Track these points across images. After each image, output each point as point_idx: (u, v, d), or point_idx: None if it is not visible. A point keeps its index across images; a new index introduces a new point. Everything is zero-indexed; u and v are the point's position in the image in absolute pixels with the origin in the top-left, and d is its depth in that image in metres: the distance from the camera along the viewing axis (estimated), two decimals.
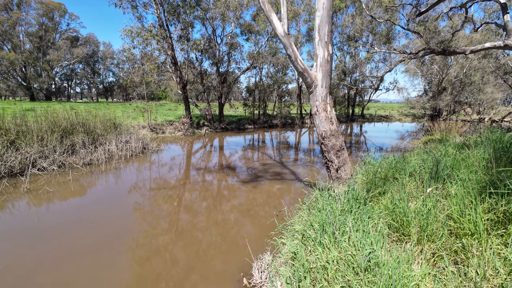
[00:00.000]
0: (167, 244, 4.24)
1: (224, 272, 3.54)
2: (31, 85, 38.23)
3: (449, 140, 8.27)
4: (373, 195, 3.66)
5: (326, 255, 2.17)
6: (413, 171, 4.06)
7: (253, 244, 4.02)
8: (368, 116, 38.45)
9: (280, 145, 14.78)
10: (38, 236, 4.37)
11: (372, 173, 4.24)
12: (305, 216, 3.36)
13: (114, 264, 3.66)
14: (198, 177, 8.13)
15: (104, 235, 4.45)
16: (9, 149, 7.51)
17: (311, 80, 5.54)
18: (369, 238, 2.28)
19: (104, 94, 58.45)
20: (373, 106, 55.96)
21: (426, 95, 36.91)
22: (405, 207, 2.84)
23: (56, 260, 3.71)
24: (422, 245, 2.63)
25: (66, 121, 9.58)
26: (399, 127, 27.10)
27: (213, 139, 16.32)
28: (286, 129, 23.60)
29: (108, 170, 8.43)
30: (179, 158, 10.83)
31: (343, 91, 33.59)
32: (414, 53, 14.13)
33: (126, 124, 12.21)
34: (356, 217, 2.80)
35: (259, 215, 5.36)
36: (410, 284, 1.88)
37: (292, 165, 9.95)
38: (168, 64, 18.15)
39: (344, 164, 5.63)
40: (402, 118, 38.61)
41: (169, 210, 5.60)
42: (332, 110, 5.66)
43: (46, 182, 6.92)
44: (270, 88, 24.55)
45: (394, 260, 1.98)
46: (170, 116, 21.62)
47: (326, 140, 5.60)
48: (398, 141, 16.09)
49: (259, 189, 6.85)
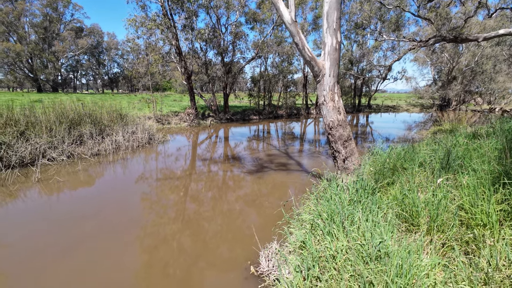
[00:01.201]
0: (174, 232, 4.31)
1: (231, 260, 3.59)
2: (37, 77, 38.54)
3: (459, 130, 8.10)
4: (382, 186, 3.63)
5: (335, 245, 2.17)
6: (423, 161, 4.00)
7: (260, 233, 4.05)
8: (374, 107, 37.88)
9: (285, 136, 14.71)
10: (50, 224, 4.48)
11: (380, 164, 4.19)
12: (312, 206, 3.36)
13: (123, 252, 3.74)
14: (204, 168, 8.18)
15: (112, 223, 4.53)
16: (19, 140, 7.64)
17: (319, 69, 5.43)
18: (378, 228, 2.27)
19: (109, 85, 58.68)
20: (380, 96, 55.03)
21: (435, 84, 36.04)
22: (414, 198, 2.81)
23: (65, 247, 3.81)
24: (432, 235, 2.60)
25: (73, 112, 9.66)
26: (407, 117, 26.66)
27: (218, 130, 16.32)
28: (292, 119, 23.44)
29: (116, 161, 8.53)
30: (185, 148, 10.89)
31: (349, 81, 33.03)
32: (424, 40, 13.71)
33: (132, 115, 12.27)
34: (365, 207, 2.78)
35: (265, 205, 5.39)
36: (421, 274, 1.87)
37: (297, 155, 9.92)
38: (172, 54, 18.02)
39: (351, 154, 5.58)
40: (409, 109, 37.93)
41: (175, 200, 5.66)
42: (339, 100, 5.56)
43: (56, 172, 7.05)
44: (275, 78, 24.27)
45: (404, 250, 1.97)
46: (175, 107, 21.65)
47: (333, 130, 5.53)
48: (405, 132, 15.86)
49: (264, 180, 6.86)
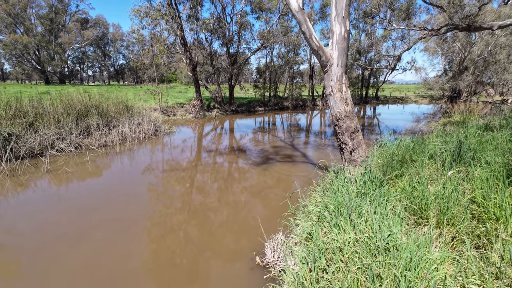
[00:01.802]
0: (181, 223, 4.35)
1: (236, 250, 3.61)
2: (45, 69, 38.86)
3: (470, 122, 7.89)
4: (390, 178, 3.57)
5: (342, 237, 2.14)
6: (433, 153, 3.90)
7: (265, 224, 4.06)
8: (382, 98, 37.20)
9: (291, 128, 14.60)
10: (59, 214, 4.57)
11: (388, 156, 4.11)
12: (319, 198, 3.32)
13: (131, 241, 3.79)
14: (210, 159, 8.20)
15: (120, 213, 4.60)
16: (28, 131, 7.75)
17: (326, 58, 5.30)
18: (387, 221, 2.23)
19: (115, 77, 58.87)
20: (388, 88, 53.93)
21: (445, 75, 35.04)
22: (424, 190, 2.75)
23: (75, 235, 3.89)
24: (441, 228, 2.55)
25: (80, 104, 9.73)
26: (415, 109, 26.14)
27: (223, 122, 16.29)
28: (297, 111, 23.22)
29: (123, 152, 8.61)
30: (190, 140, 10.91)
31: (356, 72, 32.37)
32: (436, 29, 13.24)
33: (138, 106, 12.31)
34: (373, 200, 2.74)
35: (270, 197, 5.38)
36: (430, 267, 1.84)
37: (303, 147, 9.85)
38: (177, 45, 17.87)
39: (359, 146, 5.49)
40: (418, 100, 37.14)
41: (181, 191, 5.70)
42: (347, 91, 5.44)
43: (64, 163, 7.16)
44: (281, 69, 23.93)
45: (414, 243, 1.93)
46: (180, 99, 21.63)
47: (341, 122, 5.44)
48: (413, 124, 15.56)
49: (269, 171, 6.84)
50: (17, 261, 3.35)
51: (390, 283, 1.73)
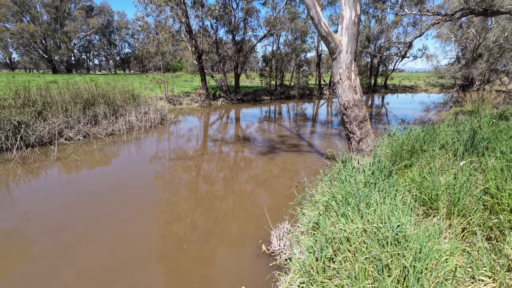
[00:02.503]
0: (187, 210, 4.40)
1: (242, 238, 3.64)
2: (52, 58, 39.04)
3: (483, 111, 7.64)
4: (399, 168, 3.50)
5: (350, 227, 2.11)
6: (445, 143, 3.80)
7: (271, 213, 4.07)
8: (391, 87, 36.34)
9: (297, 117, 14.45)
10: (69, 200, 4.67)
11: (398, 145, 4.02)
12: (326, 188, 3.29)
13: (140, 228, 3.86)
14: (215, 148, 8.21)
15: (129, 201, 4.67)
16: (37, 120, 7.86)
17: (335, 45, 5.13)
18: (396, 211, 2.19)
19: (121, 66, 58.85)
20: (398, 76, 52.61)
21: (458, 62, 33.85)
22: (434, 180, 2.68)
23: (85, 222, 3.98)
24: (451, 219, 2.50)
25: (87, 92, 9.78)
26: (425, 98, 25.50)
27: (229, 111, 16.22)
28: (304, 100, 22.92)
29: (130, 141, 8.69)
30: (196, 129, 10.92)
31: (365, 60, 31.52)
32: (450, 14, 12.68)
33: (144, 95, 12.31)
34: (381, 190, 2.69)
35: (276, 186, 5.38)
36: (440, 258, 1.80)
37: (309, 137, 9.76)
38: (182, 32, 17.63)
39: (367, 135, 5.39)
40: (428, 89, 36.18)
41: (188, 179, 5.74)
42: (356, 78, 5.29)
43: (73, 151, 7.27)
44: (288, 57, 23.46)
45: (424, 233, 1.89)
46: (186, 88, 21.55)
47: (349, 111, 5.33)
48: (423, 113, 15.21)
49: (275, 161, 6.82)
50: (31, 245, 3.45)
51: (399, 273, 1.72)
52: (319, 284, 1.89)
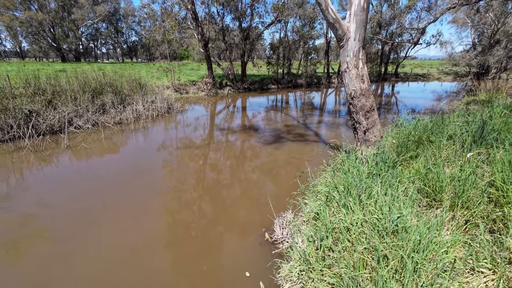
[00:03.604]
0: (195, 198, 4.50)
1: (247, 226, 3.73)
2: (60, 46, 39.31)
3: (497, 101, 7.38)
4: (404, 159, 3.46)
5: (350, 217, 2.13)
6: (453, 134, 3.72)
7: (275, 202, 4.12)
8: (402, 75, 35.30)
9: (304, 106, 14.30)
10: (80, 187, 4.83)
11: (404, 136, 3.96)
12: (329, 178, 3.30)
13: (148, 214, 3.98)
14: (222, 137, 8.26)
15: (137, 188, 4.79)
16: (47, 108, 8.03)
17: (343, 32, 4.99)
18: (397, 203, 2.19)
19: (128, 54, 58.85)
20: (409, 64, 50.96)
21: (474, 49, 32.43)
22: (439, 172, 2.65)
23: (95, 209, 4.12)
24: (455, 211, 2.49)
25: (95, 81, 9.88)
26: (437, 87, 24.74)
27: (235, 100, 16.16)
28: (311, 89, 22.58)
29: (137, 129, 8.81)
30: (203, 118, 10.97)
31: (376, 47, 30.56)
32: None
33: (151, 84, 12.35)
34: (384, 181, 2.68)
35: (281, 175, 5.42)
36: (440, 250, 1.81)
37: (316, 126, 9.69)
38: (189, 20, 17.40)
39: (373, 126, 5.32)
40: (441, 77, 35.01)
41: (195, 168, 5.83)
42: (364, 67, 5.17)
43: (83, 139, 7.44)
44: (296, 45, 22.94)
45: (424, 225, 1.89)
46: (193, 76, 21.47)
47: (355, 100, 5.24)
48: (434, 103, 14.81)
49: (281, 150, 6.83)
50: (46, 229, 3.62)
51: (397, 264, 1.74)
52: (318, 272, 1.93)
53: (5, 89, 7.77)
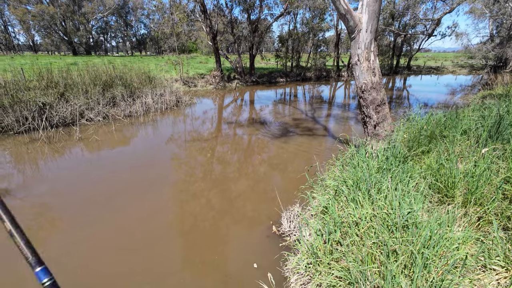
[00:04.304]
0: (203, 190, 4.55)
1: (254, 218, 3.75)
2: (71, 39, 39.86)
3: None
4: (415, 154, 3.39)
5: (359, 212, 2.12)
6: (467, 128, 3.61)
7: (282, 196, 4.13)
8: (415, 68, 34.31)
9: (313, 100, 14.14)
10: (91, 179, 4.96)
11: (416, 130, 3.87)
12: (338, 172, 3.27)
13: (157, 205, 4.06)
14: (230, 131, 8.27)
15: (146, 180, 4.88)
16: (60, 101, 8.20)
17: (354, 23, 4.86)
18: (408, 198, 2.15)
19: (137, 47, 59.18)
20: (423, 56, 49.44)
21: (491, 41, 31.12)
22: (452, 168, 2.59)
23: (106, 199, 4.23)
24: (467, 208, 2.43)
25: (106, 74, 10.00)
26: (451, 80, 23.98)
27: (243, 93, 16.10)
28: (320, 82, 22.26)
29: (146, 122, 8.92)
30: (211, 112, 11.00)
31: (388, 39, 29.70)
32: None
33: (160, 77, 12.42)
34: (395, 176, 2.64)
35: (289, 169, 5.41)
36: (451, 246, 1.78)
37: (324, 120, 9.58)
38: (197, 12, 17.29)
39: (384, 120, 5.22)
40: (456, 70, 33.86)
41: (203, 161, 5.89)
42: (375, 60, 5.04)
43: (94, 132, 7.59)
44: (305, 37, 22.54)
45: (435, 221, 1.86)
46: (201, 69, 21.46)
47: (366, 94, 5.13)
48: (448, 97, 14.39)
49: (289, 144, 6.80)
50: (60, 217, 3.74)
51: (406, 259, 1.72)
52: (326, 265, 1.94)
53: (19, 82, 7.97)
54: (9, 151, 6.17)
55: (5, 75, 8.36)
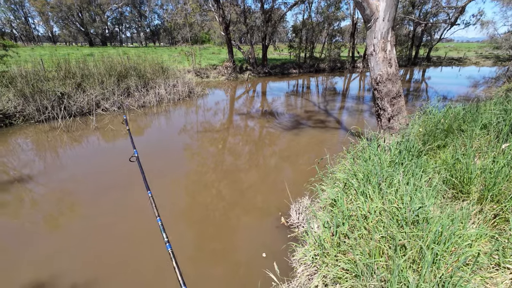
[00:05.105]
0: (214, 181, 4.63)
1: (264, 209, 3.79)
2: (88, 30, 40.68)
3: None
4: (430, 148, 3.29)
5: (368, 205, 2.10)
6: (488, 123, 3.45)
7: (292, 188, 4.14)
8: (435, 59, 32.78)
9: (326, 92, 13.87)
10: (109, 165, 5.14)
11: (432, 124, 3.74)
12: (348, 165, 3.23)
13: (170, 194, 4.18)
14: (241, 122, 8.29)
15: (159, 169, 5.01)
16: (77, 91, 8.46)
17: (371, 12, 4.68)
18: (420, 193, 2.10)
19: (151, 38, 59.68)
20: (444, 47, 47.13)
21: None
22: (469, 163, 2.50)
23: (123, 186, 4.38)
24: (483, 205, 2.36)
25: (120, 65, 10.19)
26: (474, 72, 22.80)
27: (255, 84, 16.00)
28: (334, 74, 21.74)
29: (160, 113, 9.07)
30: (223, 103, 11.03)
31: (407, 29, 28.42)
32: None
33: (173, 68, 12.52)
34: (407, 170, 2.58)
35: (299, 161, 5.38)
36: (463, 243, 1.74)
37: (337, 113, 9.41)
38: (210, 2, 17.14)
39: (399, 113, 5.06)
40: (479, 61, 32.08)
41: (214, 152, 5.96)
42: (392, 50, 4.86)
43: (109, 121, 7.81)
44: (319, 27, 21.93)
45: (448, 217, 1.82)
46: (213, 60, 21.43)
47: (381, 86, 4.98)
48: (469, 89, 13.72)
49: (300, 136, 6.75)
50: (79, 203, 3.93)
51: (415, 254, 1.70)
52: (333, 257, 1.94)
53: (39, 73, 8.26)
54: (31, 139, 6.47)
55: (26, 65, 8.68)
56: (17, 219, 3.59)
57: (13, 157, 5.51)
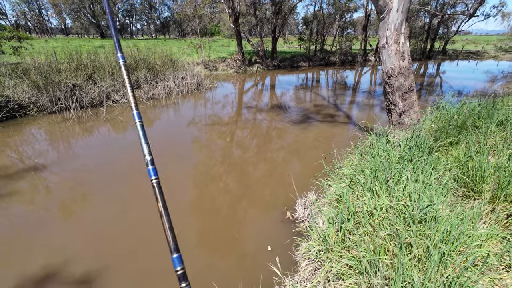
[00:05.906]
0: (221, 174, 4.66)
1: (270, 203, 3.80)
2: (99, 23, 41.07)
3: None
4: (442, 145, 3.19)
5: (374, 202, 2.06)
6: (504, 119, 3.31)
7: (298, 182, 4.12)
8: (451, 52, 31.59)
9: (336, 86, 13.63)
10: (119, 157, 5.24)
11: (445, 120, 3.62)
12: (356, 161, 3.18)
13: (178, 185, 4.24)
14: (249, 116, 8.27)
15: (168, 160, 5.07)
16: (88, 83, 8.60)
17: (384, 2, 4.52)
18: (429, 191, 2.05)
19: (161, 31, 59.85)
20: (461, 40, 45.31)
21: None
22: (482, 161, 2.41)
23: (132, 179, 4.47)
24: (496, 204, 2.28)
25: (130, 57, 10.27)
26: (492, 66, 21.89)
27: (264, 78, 15.86)
28: (345, 67, 21.30)
29: (168, 105, 9.14)
30: (231, 96, 11.00)
31: (423, 21, 27.42)
32: None
33: (182, 60, 12.54)
34: (416, 167, 2.52)
35: (306, 156, 5.34)
36: (473, 243, 1.70)
37: (347, 107, 9.25)
38: None
39: (411, 108, 4.92)
40: (498, 55, 30.73)
41: (222, 145, 5.98)
42: (406, 42, 4.69)
43: (119, 113, 7.93)
44: (331, 18, 21.43)
45: (457, 216, 1.77)
46: (222, 53, 21.32)
47: (393, 80, 4.84)
48: (486, 84, 13.20)
49: (308, 131, 6.68)
50: (91, 192, 4.04)
51: (421, 252, 1.67)
52: (337, 253, 1.93)
53: (52, 64, 8.42)
54: (44, 129, 6.65)
55: (40, 57, 8.86)
56: (33, 206, 3.72)
57: (28, 147, 5.69)
